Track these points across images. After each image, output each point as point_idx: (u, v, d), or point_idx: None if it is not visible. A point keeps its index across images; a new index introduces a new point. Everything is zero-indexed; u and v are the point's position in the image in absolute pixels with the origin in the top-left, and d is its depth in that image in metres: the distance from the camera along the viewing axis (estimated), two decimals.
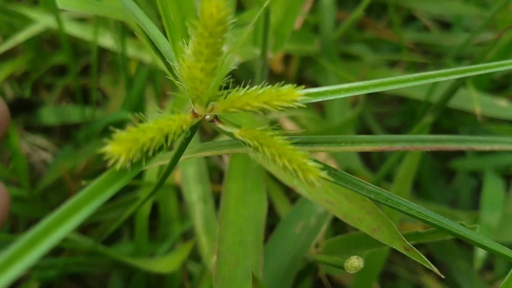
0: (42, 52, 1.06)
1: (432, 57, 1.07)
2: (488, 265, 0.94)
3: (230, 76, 0.31)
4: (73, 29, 0.86)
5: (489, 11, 1.01)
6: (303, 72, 0.96)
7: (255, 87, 0.31)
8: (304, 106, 0.30)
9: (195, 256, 0.82)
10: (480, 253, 0.74)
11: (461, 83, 0.71)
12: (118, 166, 0.25)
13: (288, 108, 0.31)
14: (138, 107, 0.77)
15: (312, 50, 0.84)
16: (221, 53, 0.28)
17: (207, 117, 0.32)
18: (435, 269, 0.38)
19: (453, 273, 0.88)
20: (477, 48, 1.00)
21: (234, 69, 0.31)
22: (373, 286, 0.81)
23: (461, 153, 1.07)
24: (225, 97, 0.31)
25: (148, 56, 0.84)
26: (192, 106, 0.32)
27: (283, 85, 0.31)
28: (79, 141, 0.90)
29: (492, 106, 0.78)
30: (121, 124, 0.84)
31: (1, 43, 0.94)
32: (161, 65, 0.38)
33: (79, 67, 1.07)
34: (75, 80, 0.87)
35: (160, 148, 0.28)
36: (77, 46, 1.06)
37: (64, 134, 1.06)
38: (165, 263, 0.71)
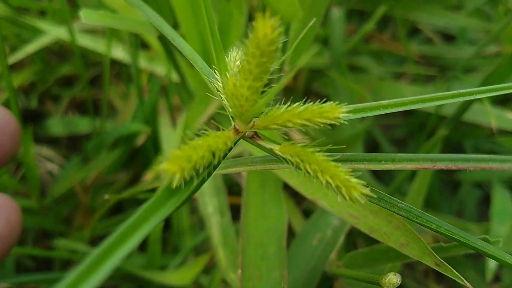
0: (49, 63, 1.06)
1: (437, 69, 1.09)
2: (496, 277, 0.94)
3: None
4: (85, 41, 0.86)
5: (493, 24, 1.02)
6: (311, 85, 0.97)
7: (297, 103, 0.32)
8: (346, 123, 0.31)
9: (204, 268, 0.82)
10: (492, 264, 0.74)
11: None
12: (174, 184, 0.25)
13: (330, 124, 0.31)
14: (151, 119, 0.77)
15: (321, 63, 0.85)
16: (269, 72, 0.28)
17: (247, 133, 0.33)
18: (468, 284, 0.38)
19: (463, 284, 0.89)
20: (482, 60, 1.01)
21: None
22: None
23: None
24: (266, 114, 0.32)
25: (160, 68, 0.84)
26: (233, 123, 0.32)
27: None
28: (87, 153, 0.90)
29: (501, 118, 0.79)
30: (133, 136, 0.84)
31: (8, 54, 0.94)
32: (176, 78, 0.38)
33: (87, 78, 1.07)
34: (85, 90, 0.87)
35: (209, 165, 0.29)
36: (85, 58, 1.06)
37: (71, 145, 1.05)
38: (178, 276, 0.71)
